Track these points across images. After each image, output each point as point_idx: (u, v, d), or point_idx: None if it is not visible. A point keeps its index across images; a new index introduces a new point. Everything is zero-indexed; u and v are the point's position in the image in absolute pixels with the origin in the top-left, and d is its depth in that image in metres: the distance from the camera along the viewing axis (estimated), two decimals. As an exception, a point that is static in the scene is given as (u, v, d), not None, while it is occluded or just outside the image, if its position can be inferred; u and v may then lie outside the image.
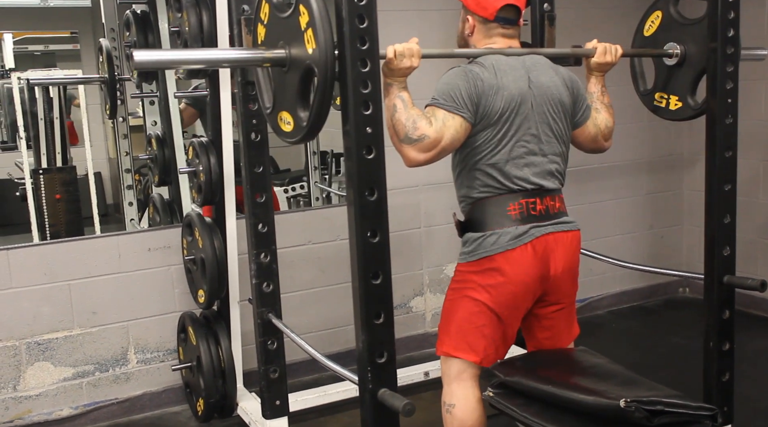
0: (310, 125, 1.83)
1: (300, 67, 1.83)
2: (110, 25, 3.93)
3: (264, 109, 2.06)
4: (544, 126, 2.32)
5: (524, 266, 2.28)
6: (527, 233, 2.28)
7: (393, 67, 2.13)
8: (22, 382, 3.31)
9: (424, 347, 4.08)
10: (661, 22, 2.89)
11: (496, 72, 2.26)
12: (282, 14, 1.90)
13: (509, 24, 2.38)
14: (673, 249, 4.88)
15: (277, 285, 3.00)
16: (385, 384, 1.86)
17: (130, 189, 4.03)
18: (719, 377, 2.58)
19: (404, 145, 2.18)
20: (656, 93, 2.95)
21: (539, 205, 2.31)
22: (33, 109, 3.77)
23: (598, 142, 2.56)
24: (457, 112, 2.21)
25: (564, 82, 2.39)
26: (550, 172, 2.35)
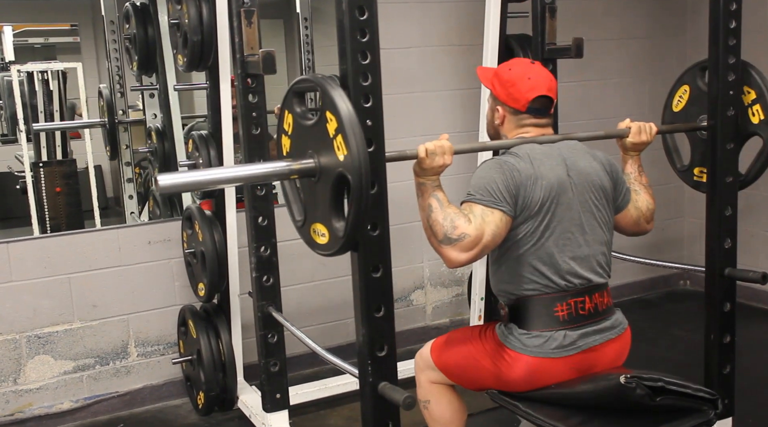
0: (347, 235, 1.71)
1: (331, 175, 1.71)
2: (110, 18, 3.92)
3: (295, 223, 1.95)
4: (587, 214, 2.20)
5: (561, 376, 2.15)
6: (575, 344, 2.14)
7: (425, 167, 2.05)
8: (23, 375, 3.31)
9: (425, 340, 4.04)
10: (689, 96, 2.79)
11: (532, 161, 2.14)
12: (307, 122, 1.79)
13: (541, 115, 2.27)
14: (674, 241, 4.87)
15: (278, 278, 3.00)
16: (386, 377, 1.86)
17: (131, 182, 4.03)
18: (720, 370, 2.58)
19: (444, 246, 2.06)
20: (695, 168, 2.83)
21: (588, 303, 2.18)
22: (33, 102, 3.76)
23: (641, 225, 2.42)
24: (496, 206, 2.08)
25: (603, 166, 2.27)
26: (599, 264, 2.22)
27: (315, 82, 1.73)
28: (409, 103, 3.95)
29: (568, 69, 3.68)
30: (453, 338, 2.35)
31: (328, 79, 1.72)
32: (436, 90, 4.02)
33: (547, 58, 3.07)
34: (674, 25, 4.69)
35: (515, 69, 2.27)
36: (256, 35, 2.71)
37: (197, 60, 2.98)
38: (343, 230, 1.71)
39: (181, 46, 3.04)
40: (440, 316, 4.23)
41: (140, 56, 3.64)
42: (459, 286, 4.24)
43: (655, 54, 4.64)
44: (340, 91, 1.68)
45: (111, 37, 3.92)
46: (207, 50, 2.95)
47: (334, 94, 1.66)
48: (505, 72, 2.27)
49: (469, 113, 3.96)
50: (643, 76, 4.59)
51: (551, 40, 3.07)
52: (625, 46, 4.54)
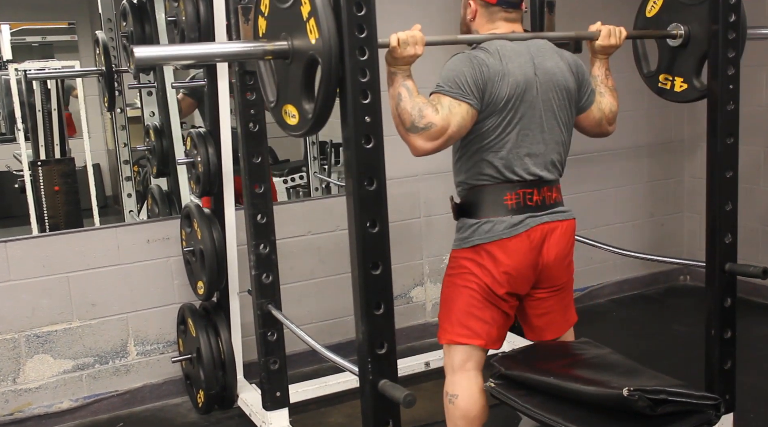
0: (316, 117, 1.80)
1: (303, 58, 1.80)
2: (107, 16, 3.91)
3: (267, 104, 2.02)
4: (548, 113, 2.29)
5: (518, 254, 2.28)
6: (522, 222, 2.28)
7: (396, 56, 2.11)
8: (22, 375, 3.30)
9: (425, 337, 4.07)
10: (663, 3, 2.84)
11: (501, 58, 2.23)
12: (283, 5, 1.87)
13: (512, 7, 2.35)
14: (674, 237, 4.87)
15: (277, 276, 2.99)
16: (386, 375, 1.85)
17: (129, 180, 4.02)
18: (721, 365, 2.57)
19: (411, 134, 2.15)
20: (660, 75, 2.89)
21: (536, 195, 2.31)
22: (31, 101, 3.75)
23: (603, 126, 2.53)
24: (464, 98, 2.18)
25: (569, 67, 2.36)
26: (551, 163, 2.33)
27: None
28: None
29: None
30: (441, 307, 2.42)
31: None
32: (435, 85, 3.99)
33: (545, 53, 3.06)
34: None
35: None
36: (254, 32, 2.70)
37: (195, 59, 2.97)
38: (312, 112, 1.80)
39: (178, 43, 3.03)
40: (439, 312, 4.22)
41: (138, 54, 3.63)
42: (459, 282, 4.23)
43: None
44: None
45: (108, 34, 3.91)
46: (204, 47, 2.94)
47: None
48: None
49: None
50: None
51: (550, 35, 3.06)
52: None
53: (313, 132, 1.86)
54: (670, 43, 2.80)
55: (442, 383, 2.42)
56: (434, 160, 2.73)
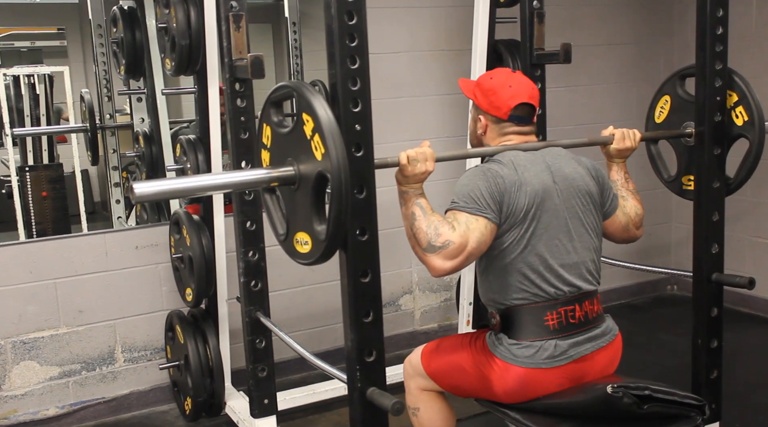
0: (330, 238, 1.67)
1: (311, 177, 1.70)
2: (97, 21, 3.91)
3: (278, 237, 1.90)
4: (574, 220, 2.17)
5: (543, 389, 2.13)
6: (565, 353, 2.12)
7: (407, 174, 2.05)
8: (8, 381, 3.28)
9: (413, 345, 4.05)
10: (671, 106, 2.81)
11: (516, 168, 2.13)
12: (284, 130, 1.79)
13: (523, 122, 2.26)
14: (661, 246, 4.89)
15: (266, 283, 2.99)
16: (374, 383, 1.85)
17: (118, 187, 4.01)
18: (708, 375, 2.59)
19: (428, 254, 2.03)
20: (683, 177, 2.83)
21: (578, 311, 2.15)
22: (19, 106, 3.74)
23: (630, 231, 2.40)
24: (481, 213, 2.06)
25: (588, 171, 2.26)
26: (588, 271, 2.20)
27: (291, 87, 1.74)
28: (397, 108, 3.95)
29: (556, 74, 3.70)
30: (443, 346, 2.34)
31: (303, 82, 1.73)
32: (424, 95, 4.02)
33: (535, 63, 3.08)
34: (661, 31, 4.71)
35: (496, 78, 2.27)
36: (245, 39, 2.71)
37: (185, 64, 2.97)
38: (325, 233, 1.69)
39: (169, 50, 3.03)
40: (429, 321, 4.23)
41: (128, 60, 3.63)
42: (447, 291, 4.24)
43: (643, 59, 4.66)
44: (314, 92, 1.67)
45: (98, 40, 3.91)
46: (195, 54, 2.94)
47: (309, 95, 1.66)
48: (486, 81, 2.27)
49: (457, 118, 3.97)
50: (630, 81, 4.61)
51: (539, 45, 3.08)
52: (613, 52, 4.56)
53: (326, 257, 1.72)
54: (686, 142, 2.74)
55: (429, 392, 2.42)
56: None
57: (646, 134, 2.65)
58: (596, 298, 2.23)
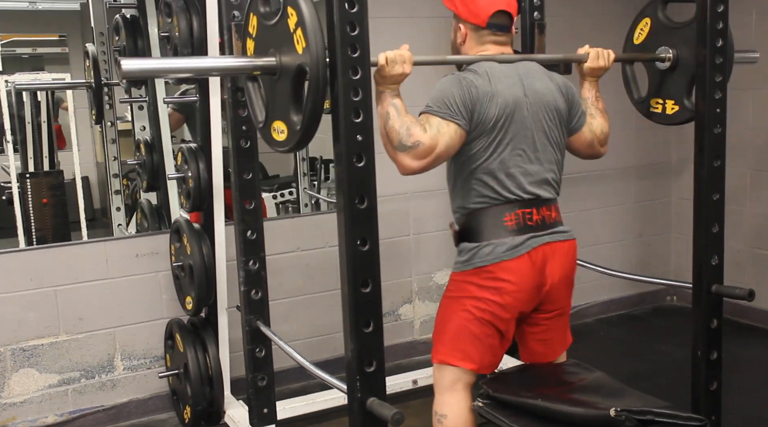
0: (304, 129, 1.79)
1: (291, 69, 1.81)
2: (99, 29, 3.92)
3: (256, 124, 2.02)
4: (539, 133, 2.30)
5: (521, 276, 2.26)
6: (524, 243, 2.26)
7: (385, 74, 2.12)
8: (7, 389, 3.27)
9: (413, 354, 4.07)
10: (650, 29, 2.88)
11: (490, 79, 2.24)
12: (270, 22, 1.88)
13: (501, 31, 2.37)
14: (661, 257, 4.89)
15: (266, 292, 2.99)
16: (374, 393, 1.85)
17: (118, 194, 4.01)
18: (707, 386, 2.58)
19: (398, 153, 2.16)
20: (651, 99, 2.92)
21: (535, 215, 2.30)
22: (20, 113, 3.74)
23: (594, 147, 2.55)
24: (452, 119, 2.19)
25: (559, 88, 2.38)
26: (546, 181, 2.33)
27: None
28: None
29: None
30: (437, 327, 2.40)
31: None
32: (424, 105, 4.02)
33: (536, 74, 3.09)
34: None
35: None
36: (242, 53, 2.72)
37: (186, 74, 2.98)
38: (301, 123, 1.79)
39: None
40: (428, 330, 4.22)
41: (130, 68, 3.63)
42: (447, 300, 4.23)
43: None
44: None
45: (100, 48, 3.92)
46: (197, 63, 2.95)
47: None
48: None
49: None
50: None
51: (540, 56, 3.09)
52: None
53: (301, 146, 1.86)
54: (659, 66, 2.83)
55: (430, 402, 2.42)
56: (424, 179, 2.74)
57: (620, 56, 2.75)
58: (554, 205, 2.37)
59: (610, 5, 4.50)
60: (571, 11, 4.34)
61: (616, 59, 2.62)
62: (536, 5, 3.12)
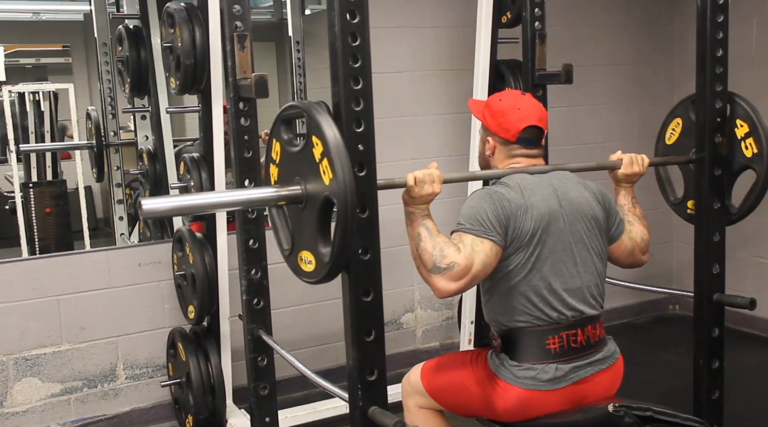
0: (334, 261, 1.69)
1: (318, 200, 1.72)
2: (102, 40, 3.94)
3: (282, 252, 1.93)
4: (579, 245, 2.18)
5: (544, 410, 2.14)
6: (566, 376, 2.12)
7: (414, 195, 2.05)
8: (10, 398, 3.28)
9: (414, 363, 4.00)
10: (682, 129, 2.80)
11: (522, 191, 2.13)
12: (294, 149, 1.81)
13: (532, 145, 2.26)
14: (662, 266, 4.89)
15: (268, 301, 2.99)
16: (376, 402, 1.85)
17: (121, 203, 4.03)
18: (709, 395, 2.58)
19: (433, 275, 2.05)
20: (688, 201, 2.82)
21: (580, 336, 2.16)
22: (24, 123, 3.76)
23: (636, 256, 2.40)
24: (486, 236, 2.07)
25: (594, 196, 2.26)
26: (591, 296, 2.20)
27: (301, 108, 1.75)
28: (399, 127, 3.97)
29: (558, 94, 3.72)
30: (444, 363, 2.34)
31: (314, 104, 1.72)
32: (426, 114, 4.04)
33: (537, 83, 3.10)
34: (662, 52, 4.74)
35: (505, 100, 2.28)
36: (249, 59, 2.73)
37: (190, 83, 2.99)
38: (329, 255, 1.70)
39: (173, 69, 3.05)
40: (430, 339, 4.23)
41: (132, 78, 3.66)
42: (449, 309, 4.24)
43: (644, 79, 4.69)
44: (325, 116, 1.69)
45: (103, 58, 3.94)
46: (199, 73, 2.96)
47: (319, 118, 1.68)
48: (496, 103, 2.28)
49: (459, 137, 3.99)
50: (631, 101, 4.63)
51: (541, 65, 3.11)
52: (613, 72, 4.59)
53: (330, 278, 1.74)
54: (693, 168, 2.72)
55: (430, 411, 2.42)
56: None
57: (654, 160, 2.63)
58: (599, 322, 2.23)
59: (612, 15, 4.52)
60: (573, 21, 4.35)
61: (650, 164, 2.51)
62: (537, 15, 3.13)
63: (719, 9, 2.47)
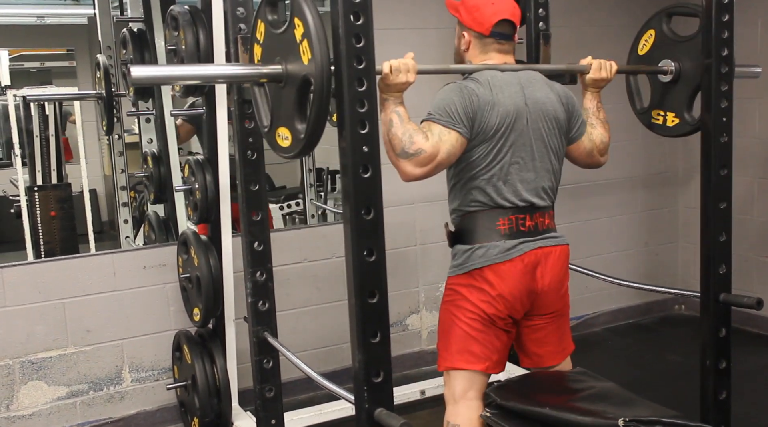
0: (308, 137, 1.82)
1: (297, 79, 1.83)
2: (107, 43, 3.95)
3: (261, 129, 2.06)
4: (538, 142, 2.34)
5: (513, 279, 2.30)
6: (516, 247, 2.31)
7: (389, 82, 2.16)
8: (16, 401, 3.28)
9: (420, 365, 4.06)
10: (654, 41, 2.91)
11: (491, 88, 2.28)
12: (277, 30, 1.91)
13: (505, 39, 2.41)
14: (668, 266, 4.88)
15: (273, 303, 2.99)
16: (382, 403, 1.85)
17: (126, 206, 4.03)
18: (716, 396, 2.57)
19: (401, 160, 2.20)
20: (653, 110, 2.95)
21: (528, 221, 2.34)
22: (29, 127, 3.77)
23: (594, 157, 2.58)
24: (453, 127, 2.23)
25: (559, 97, 2.41)
26: (543, 190, 2.37)
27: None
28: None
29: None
30: (440, 335, 2.45)
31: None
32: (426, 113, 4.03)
33: (541, 84, 3.10)
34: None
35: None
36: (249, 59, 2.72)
37: (194, 86, 2.99)
38: (305, 132, 1.82)
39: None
40: (436, 340, 4.21)
41: (137, 81, 3.66)
42: (454, 311, 4.23)
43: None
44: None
45: (108, 61, 3.94)
46: (204, 76, 2.96)
47: (301, 1, 1.77)
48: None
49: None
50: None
51: (545, 66, 3.10)
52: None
53: (304, 153, 1.88)
54: (662, 78, 2.86)
55: (437, 412, 2.42)
56: (430, 188, 2.76)
57: (623, 68, 2.77)
58: (548, 213, 2.41)
59: (616, 16, 4.51)
60: (577, 21, 4.35)
61: (618, 71, 2.65)
62: (541, 15, 3.13)
63: (724, 8, 2.46)
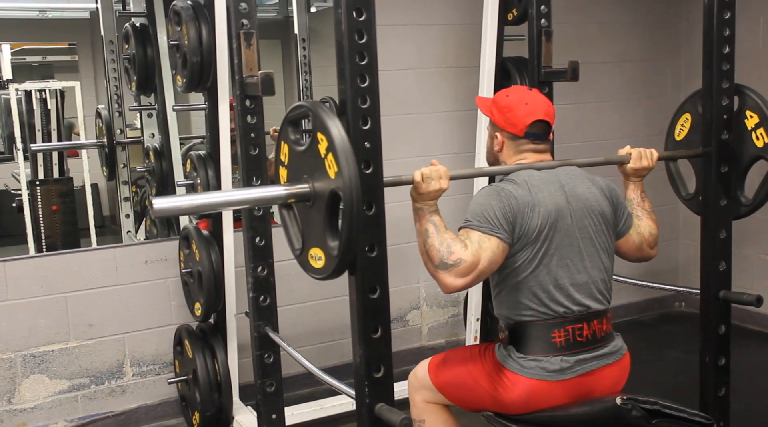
0: (341, 253, 1.71)
1: (324, 195, 1.74)
2: (109, 38, 3.94)
3: (294, 252, 1.95)
4: (586, 241, 2.19)
5: (551, 398, 2.15)
6: (571, 368, 2.14)
7: (422, 191, 2.08)
8: (17, 394, 3.29)
9: (420, 360, 4.05)
10: (691, 124, 2.78)
11: (529, 188, 2.15)
12: (301, 148, 1.83)
13: (539, 139, 2.28)
14: (668, 264, 4.88)
15: (274, 298, 3.00)
16: (382, 399, 1.86)
17: (127, 201, 4.03)
18: (716, 393, 2.58)
19: (440, 271, 2.08)
20: (700, 195, 2.74)
21: (586, 330, 2.18)
22: (30, 121, 3.77)
23: (644, 250, 2.41)
24: (493, 233, 2.09)
25: (602, 191, 2.27)
26: (598, 291, 2.22)
27: (306, 107, 1.78)
28: (405, 124, 3.97)
29: (564, 92, 3.71)
30: (451, 357, 2.36)
31: (318, 102, 1.76)
32: (432, 111, 4.04)
33: (543, 80, 3.10)
34: (669, 49, 4.73)
35: (513, 95, 2.29)
36: (256, 57, 2.73)
37: (196, 81, 2.99)
38: (338, 249, 1.72)
39: (180, 66, 3.05)
40: (436, 336, 4.23)
41: (139, 76, 3.67)
42: (455, 306, 4.24)
43: (651, 76, 4.68)
44: (329, 112, 1.72)
45: (110, 56, 3.94)
46: (206, 71, 2.97)
47: (323, 115, 1.71)
48: (503, 99, 2.29)
49: (464, 134, 3.99)
50: (638, 97, 4.62)
51: (547, 63, 3.10)
52: (620, 69, 4.58)
53: (338, 272, 1.77)
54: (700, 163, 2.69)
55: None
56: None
57: (663, 154, 2.63)
58: (605, 317, 2.25)
59: (618, 13, 4.51)
60: (579, 18, 4.35)
61: (659, 158, 2.52)
62: (543, 12, 3.13)
63: (726, 6, 2.46)
